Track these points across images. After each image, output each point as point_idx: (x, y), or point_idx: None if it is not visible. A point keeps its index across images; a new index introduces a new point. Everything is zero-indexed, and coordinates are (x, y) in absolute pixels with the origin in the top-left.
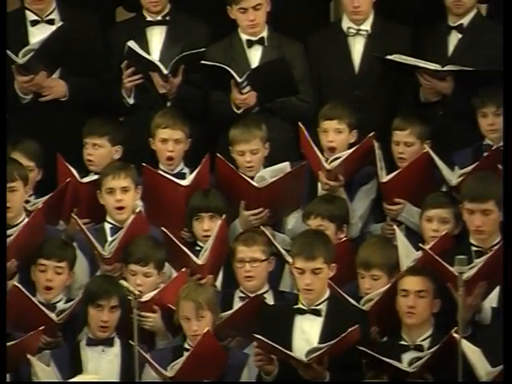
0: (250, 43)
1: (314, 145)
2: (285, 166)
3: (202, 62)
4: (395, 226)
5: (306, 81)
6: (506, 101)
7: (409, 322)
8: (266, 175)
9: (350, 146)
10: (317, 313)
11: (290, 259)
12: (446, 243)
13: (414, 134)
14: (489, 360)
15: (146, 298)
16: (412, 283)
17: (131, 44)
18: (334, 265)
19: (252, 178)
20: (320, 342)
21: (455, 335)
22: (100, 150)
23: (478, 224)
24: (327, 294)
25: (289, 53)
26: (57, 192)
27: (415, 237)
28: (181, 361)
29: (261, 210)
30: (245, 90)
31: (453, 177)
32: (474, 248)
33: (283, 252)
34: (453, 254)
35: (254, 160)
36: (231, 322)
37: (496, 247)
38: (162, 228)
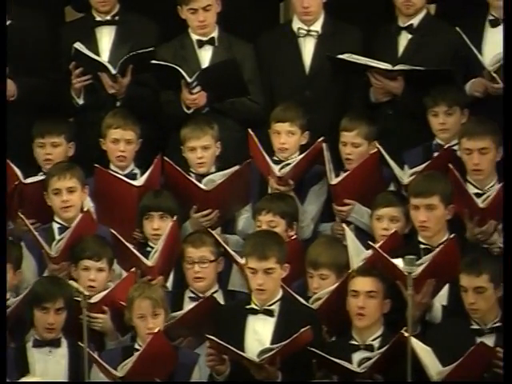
0: (201, 43)
1: (263, 151)
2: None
3: (153, 61)
4: (344, 226)
5: (257, 81)
6: (505, 101)
7: (359, 324)
8: (216, 178)
9: (302, 147)
10: (269, 313)
11: (239, 259)
12: (395, 241)
13: (361, 135)
14: (440, 359)
15: (95, 299)
16: (362, 284)
17: (78, 46)
18: (286, 265)
19: (203, 176)
20: (272, 343)
21: (405, 334)
22: (58, 148)
23: (423, 219)
24: (280, 294)
25: (239, 53)
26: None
27: (365, 236)
28: (131, 361)
29: (210, 211)
30: (195, 91)
31: (404, 176)
32: (422, 246)
33: (232, 252)
34: (402, 253)
35: (205, 156)
36: (183, 322)
37: (443, 244)
38: (111, 230)
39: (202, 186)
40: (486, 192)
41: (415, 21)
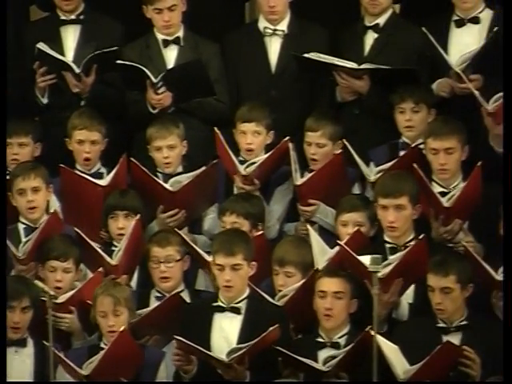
0: (166, 43)
1: (229, 150)
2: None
3: (118, 61)
4: (308, 226)
5: (223, 81)
6: (506, 101)
7: (327, 325)
8: (183, 179)
9: (267, 146)
10: (236, 311)
11: (206, 257)
12: (359, 239)
13: (325, 136)
14: (406, 357)
15: (62, 299)
16: (329, 284)
17: (40, 46)
18: (253, 263)
19: (170, 175)
20: (239, 340)
21: (372, 332)
22: (26, 148)
23: (391, 220)
24: (247, 292)
25: (205, 53)
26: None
27: (329, 236)
28: (96, 359)
29: (176, 211)
30: (160, 91)
31: (371, 173)
32: (388, 245)
33: (198, 250)
34: (368, 252)
35: (171, 156)
36: (149, 320)
37: (411, 243)
38: (75, 229)
39: (168, 186)
40: (451, 191)
41: (381, 20)
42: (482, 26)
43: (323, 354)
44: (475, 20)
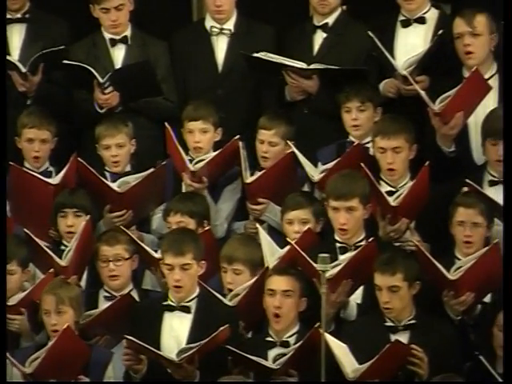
0: (114, 42)
1: (179, 146)
2: None
3: (65, 61)
4: (258, 225)
5: (170, 80)
6: (506, 100)
7: (276, 327)
8: (131, 180)
9: (216, 144)
10: (186, 310)
11: (154, 254)
12: (309, 238)
13: (278, 135)
14: (354, 356)
15: (12, 301)
16: (278, 283)
17: None
18: (203, 262)
19: (118, 175)
20: (189, 340)
21: (320, 330)
22: None
23: (343, 221)
24: (197, 291)
25: (152, 52)
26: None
27: (278, 235)
28: (40, 357)
29: (124, 211)
30: (107, 91)
31: (315, 173)
32: (338, 244)
33: (147, 249)
34: (317, 251)
35: (120, 154)
36: (100, 321)
37: (362, 243)
38: (25, 229)
39: (115, 187)
40: (398, 190)
41: (330, 20)
42: (428, 25)
43: (273, 353)
44: (421, 20)
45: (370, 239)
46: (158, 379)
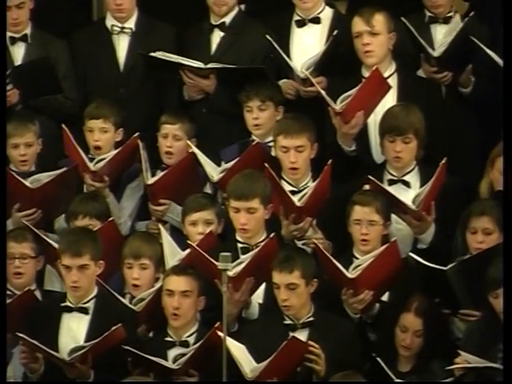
0: (13, 40)
1: (78, 146)
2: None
3: None
4: (160, 226)
5: (70, 78)
6: (505, 99)
7: (175, 324)
8: (42, 178)
9: (116, 144)
10: (84, 311)
11: None
12: (210, 241)
13: (182, 129)
14: (256, 355)
15: None
16: (176, 283)
17: None
18: (101, 262)
19: (24, 174)
20: (87, 340)
21: (220, 330)
22: None
23: (244, 222)
24: (95, 291)
25: (53, 50)
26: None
27: (180, 236)
28: None
29: (34, 210)
30: (7, 88)
31: (215, 173)
32: (239, 245)
33: (57, 246)
34: (218, 251)
35: (28, 154)
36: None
37: (262, 244)
38: None
39: (27, 183)
40: (301, 190)
41: (227, 19)
42: (322, 25)
43: (173, 353)
44: (316, 20)
45: (271, 235)
46: (54, 379)
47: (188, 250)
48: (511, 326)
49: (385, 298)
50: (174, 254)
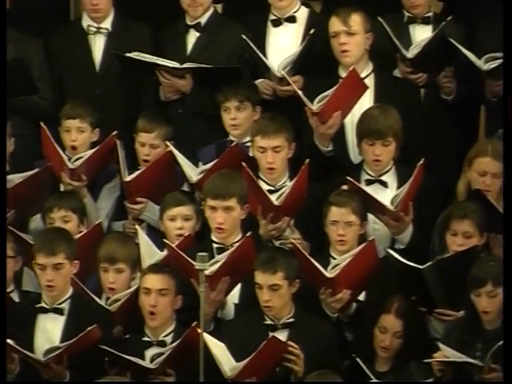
0: None
1: (56, 145)
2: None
3: None
4: (137, 226)
5: (46, 78)
6: (505, 98)
7: (151, 324)
8: (15, 179)
9: (93, 144)
10: (59, 311)
11: None
12: (188, 243)
13: (159, 137)
14: (235, 354)
15: None
16: (153, 281)
17: None
18: (76, 261)
19: None
20: (62, 341)
21: (198, 330)
22: None
23: (220, 221)
24: (70, 291)
25: (28, 50)
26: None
27: (157, 235)
28: None
29: (7, 210)
30: None
31: (194, 174)
32: (215, 245)
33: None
34: (195, 251)
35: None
36: None
37: (238, 243)
38: None
39: None
40: (278, 189)
41: (203, 19)
42: (298, 24)
43: (150, 352)
44: (291, 19)
45: (248, 234)
46: (31, 380)
47: (165, 251)
48: (511, 327)
49: (361, 297)
50: (150, 254)
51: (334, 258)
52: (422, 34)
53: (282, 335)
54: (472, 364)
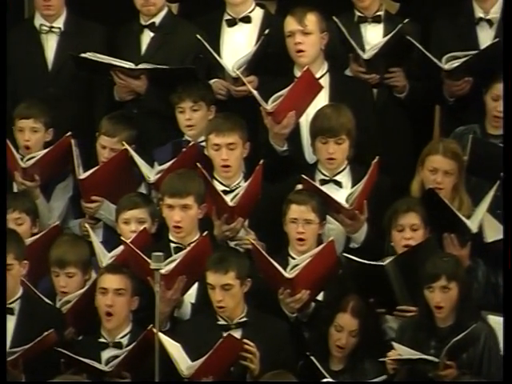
0: None
1: (9, 143)
2: None
3: None
4: (87, 226)
5: None
6: (505, 98)
7: (108, 325)
8: None
9: (46, 144)
10: (9, 311)
11: None
12: (144, 238)
13: (121, 141)
14: (190, 354)
15: None
16: (110, 281)
17: None
18: (25, 262)
19: None
20: (13, 341)
21: (154, 330)
22: None
23: (177, 219)
24: (20, 292)
25: None
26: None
27: (114, 234)
28: None
29: None
30: None
31: (151, 174)
32: (172, 245)
33: None
34: (152, 252)
35: None
36: None
37: (195, 242)
38: None
39: None
40: (233, 189)
41: (157, 19)
42: (253, 25)
43: (106, 354)
44: (246, 19)
45: (204, 233)
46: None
47: (121, 247)
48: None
49: (320, 297)
50: (103, 253)
51: (294, 258)
52: (373, 33)
53: (235, 335)
54: (426, 362)
